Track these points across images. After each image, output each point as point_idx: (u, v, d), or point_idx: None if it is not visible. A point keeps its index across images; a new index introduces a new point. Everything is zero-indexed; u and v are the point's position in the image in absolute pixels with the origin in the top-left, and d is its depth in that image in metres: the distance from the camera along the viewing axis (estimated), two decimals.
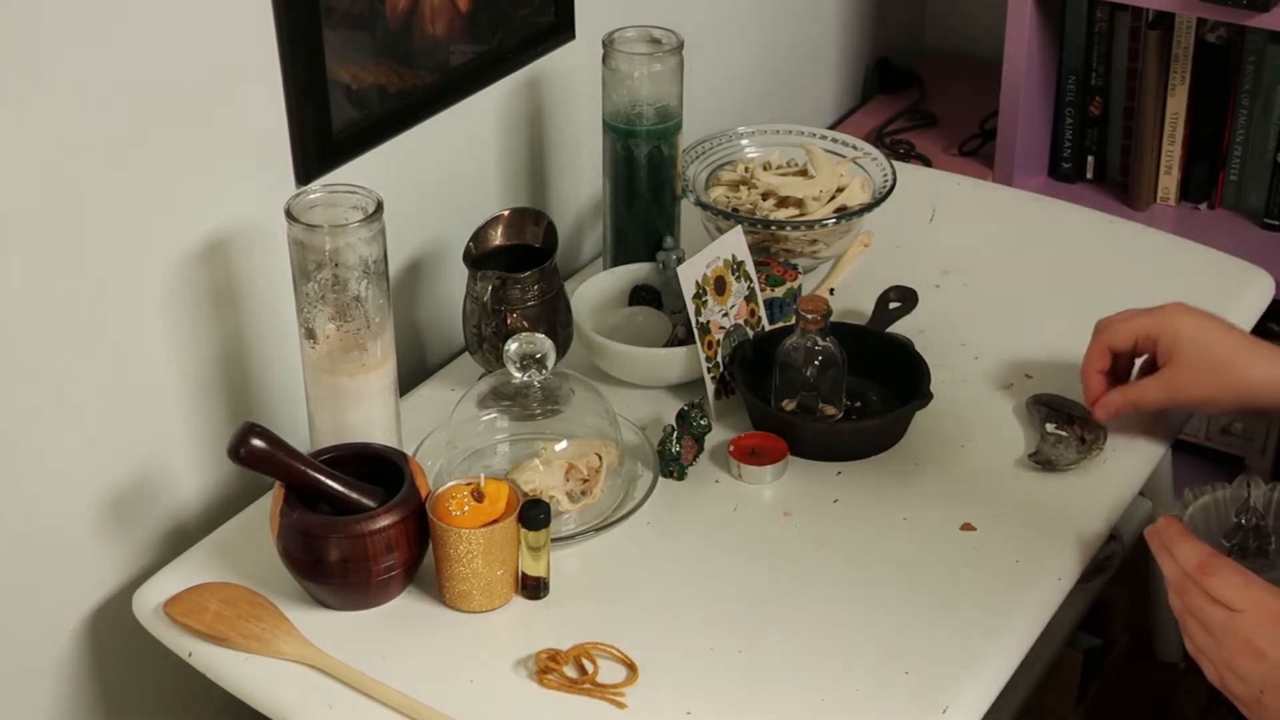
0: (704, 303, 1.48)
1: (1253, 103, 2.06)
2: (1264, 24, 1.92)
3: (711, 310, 1.48)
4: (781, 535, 1.35)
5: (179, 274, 1.35)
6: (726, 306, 1.49)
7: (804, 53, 2.22)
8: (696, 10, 1.90)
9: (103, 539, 1.37)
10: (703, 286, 1.48)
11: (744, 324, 1.51)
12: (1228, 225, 2.13)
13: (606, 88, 1.57)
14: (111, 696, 1.43)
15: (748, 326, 1.51)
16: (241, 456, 1.23)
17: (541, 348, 1.34)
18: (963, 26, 2.50)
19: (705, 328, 1.47)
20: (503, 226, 1.51)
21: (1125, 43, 2.10)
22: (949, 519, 1.35)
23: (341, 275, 1.28)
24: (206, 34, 1.30)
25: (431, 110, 1.55)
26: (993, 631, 1.24)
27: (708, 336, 1.47)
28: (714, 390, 1.48)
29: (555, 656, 1.22)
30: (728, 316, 1.49)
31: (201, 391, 1.41)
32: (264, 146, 1.39)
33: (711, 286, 1.48)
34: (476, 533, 1.23)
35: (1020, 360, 1.55)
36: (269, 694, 1.22)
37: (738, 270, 1.51)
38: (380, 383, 1.35)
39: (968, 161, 2.23)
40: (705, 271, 1.49)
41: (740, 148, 1.76)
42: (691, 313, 1.47)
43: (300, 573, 1.26)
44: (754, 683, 1.20)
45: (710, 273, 1.49)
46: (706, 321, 1.48)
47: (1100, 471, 1.40)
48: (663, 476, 1.40)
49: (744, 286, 1.52)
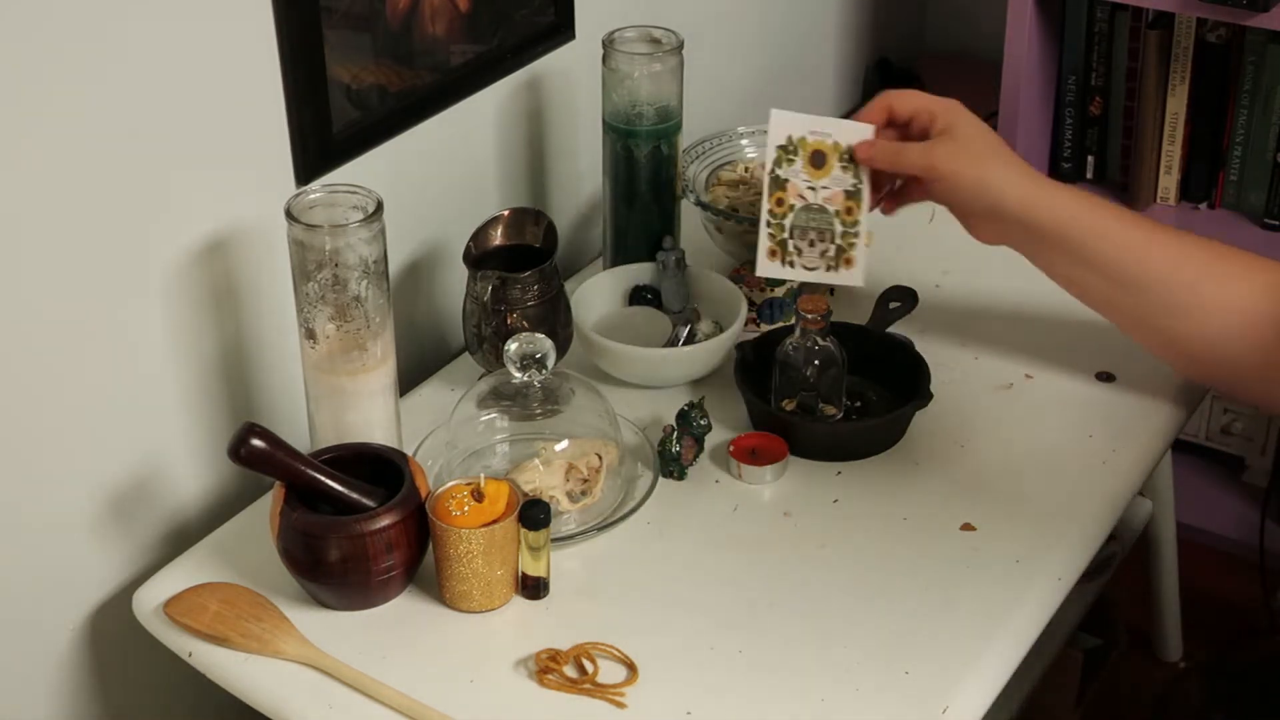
0: (790, 160, 1.43)
1: (1253, 103, 2.06)
2: (1264, 24, 1.92)
3: (796, 173, 1.43)
4: (781, 535, 1.35)
5: (179, 274, 1.35)
6: (817, 182, 1.44)
7: (804, 53, 2.22)
8: (696, 10, 1.90)
9: (103, 539, 1.37)
10: (795, 144, 1.43)
11: (833, 213, 1.44)
12: (1228, 225, 2.13)
13: (606, 87, 1.57)
14: (111, 696, 1.43)
15: (836, 218, 1.44)
16: (241, 456, 1.23)
17: (541, 348, 1.34)
18: (963, 26, 2.50)
19: (779, 182, 1.43)
20: (503, 226, 1.51)
21: (1125, 43, 2.10)
22: (949, 519, 1.35)
23: (341, 275, 1.28)
24: (206, 34, 1.30)
25: (431, 110, 1.55)
26: (993, 631, 1.24)
27: (778, 193, 1.43)
28: (766, 250, 1.43)
29: (555, 656, 1.22)
30: (814, 191, 1.44)
31: (201, 391, 1.41)
32: (264, 146, 1.39)
33: (806, 153, 1.43)
34: (476, 533, 1.23)
35: (1020, 360, 1.55)
36: (269, 694, 1.22)
37: (849, 163, 1.44)
38: (380, 383, 1.35)
39: None
40: (804, 134, 1.43)
41: (740, 148, 1.76)
42: (770, 160, 1.42)
43: (300, 573, 1.26)
44: (754, 683, 1.20)
45: (810, 139, 1.43)
46: (785, 179, 1.43)
47: (1100, 471, 1.40)
48: (663, 476, 1.40)
49: (850, 180, 1.44)
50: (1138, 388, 1.51)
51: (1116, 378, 1.52)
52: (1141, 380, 1.52)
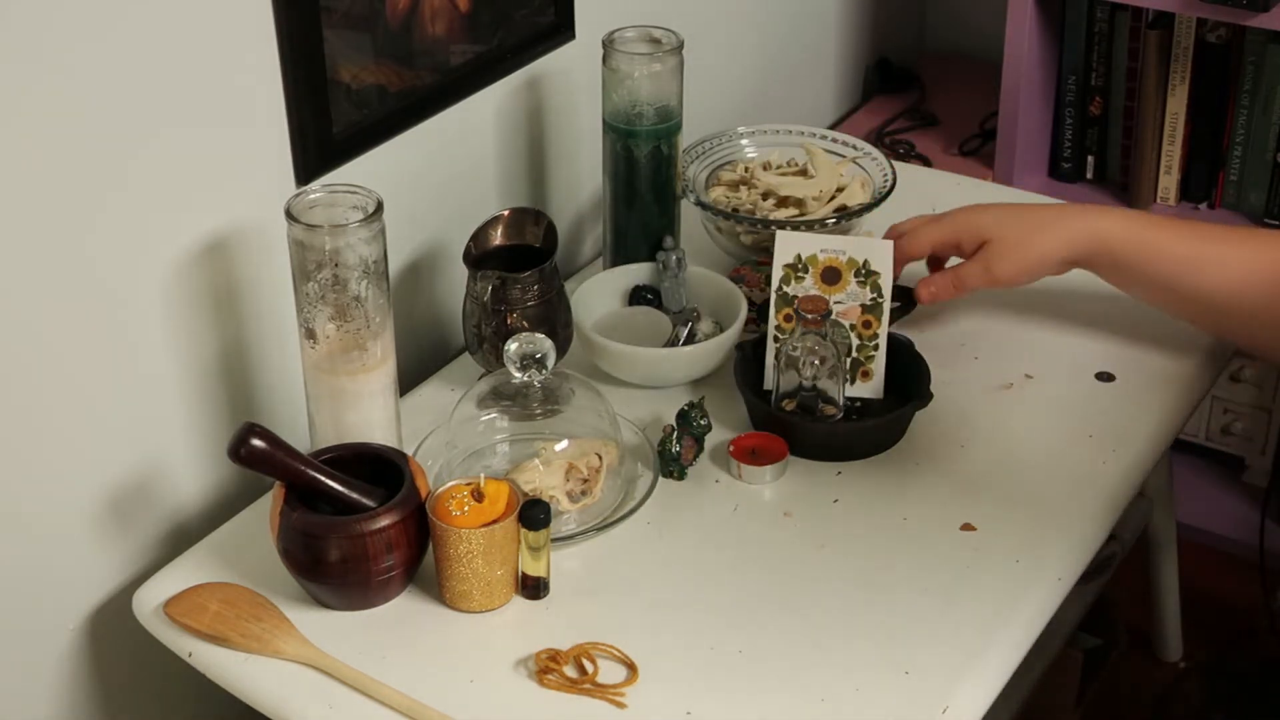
0: (800, 277, 1.45)
1: (1253, 103, 2.06)
2: (1264, 24, 1.92)
3: (806, 289, 1.45)
4: (781, 535, 1.35)
5: (179, 274, 1.35)
6: (831, 298, 1.46)
7: (804, 53, 2.22)
8: (696, 10, 1.90)
9: (103, 539, 1.37)
10: (804, 262, 1.45)
11: (848, 326, 1.47)
12: (1228, 225, 2.13)
13: (606, 88, 1.57)
14: (111, 696, 1.43)
15: (853, 333, 1.47)
16: (241, 456, 1.23)
17: (541, 348, 1.34)
18: (963, 26, 2.50)
19: (787, 299, 1.46)
20: (503, 226, 1.51)
21: (1125, 43, 2.10)
22: (949, 519, 1.35)
23: (341, 275, 1.28)
24: (207, 34, 1.30)
25: (431, 110, 1.55)
26: (993, 631, 1.24)
27: (786, 309, 1.46)
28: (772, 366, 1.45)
29: (555, 656, 1.22)
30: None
31: (202, 391, 1.41)
32: (264, 146, 1.39)
33: (818, 270, 1.45)
34: (476, 533, 1.23)
35: (1020, 360, 1.55)
36: (269, 694, 1.22)
37: (866, 277, 1.46)
38: (380, 383, 1.35)
39: (968, 161, 2.23)
40: (814, 252, 1.46)
41: (740, 148, 1.76)
42: (776, 278, 1.45)
43: (300, 573, 1.26)
44: (754, 683, 1.20)
45: (821, 256, 1.46)
46: (793, 296, 1.45)
47: (1100, 471, 1.40)
48: (663, 476, 1.40)
49: (869, 294, 1.46)
50: (1138, 388, 1.51)
51: (1116, 378, 1.52)
52: (1141, 380, 1.52)
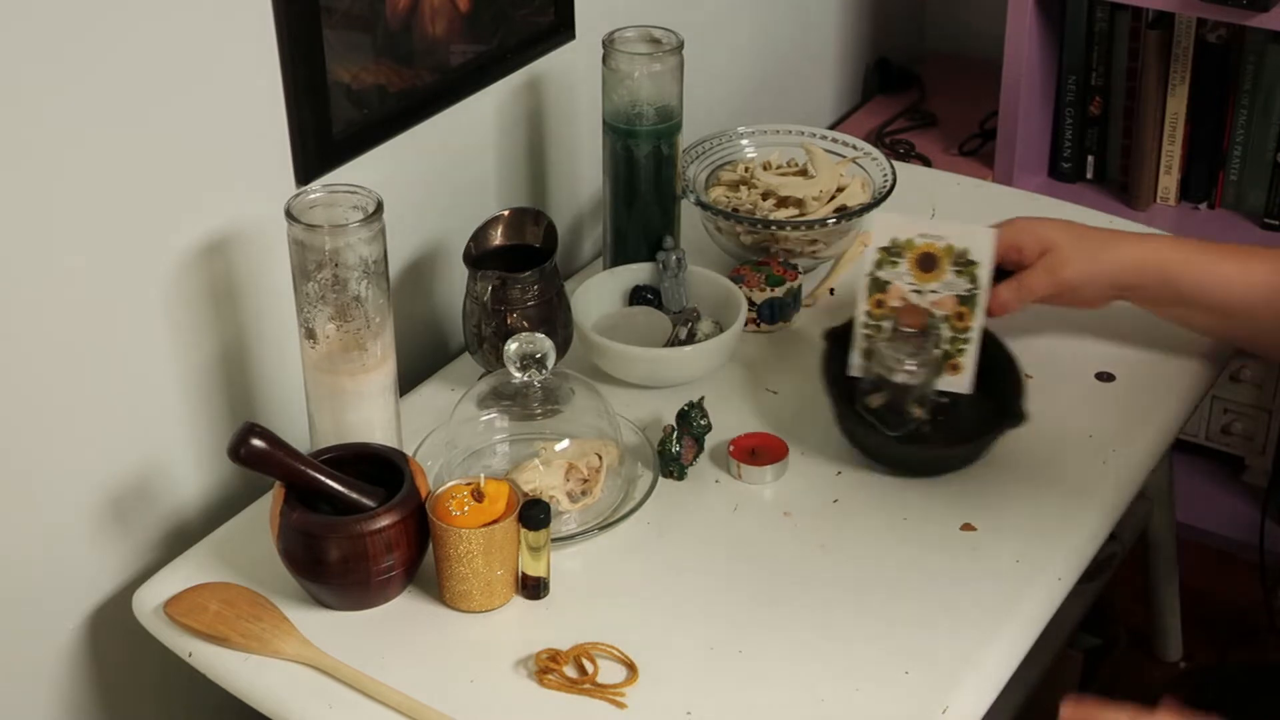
0: (894, 263, 1.43)
1: (1253, 103, 2.06)
2: (1264, 24, 1.92)
3: (900, 275, 1.42)
4: (781, 535, 1.35)
5: (179, 274, 1.35)
6: (924, 285, 1.43)
7: (804, 53, 2.22)
8: (696, 10, 1.90)
9: (103, 539, 1.37)
10: (900, 246, 1.43)
11: (940, 318, 1.43)
12: (1227, 225, 2.13)
13: (606, 88, 1.57)
14: (111, 696, 1.43)
15: (946, 324, 1.43)
16: (241, 456, 1.23)
17: (541, 348, 1.34)
18: (963, 26, 2.50)
19: (880, 284, 1.43)
20: (503, 226, 1.51)
21: (1125, 43, 2.10)
22: (949, 519, 1.35)
23: (341, 275, 1.28)
24: (206, 34, 1.30)
25: (431, 110, 1.55)
26: (993, 631, 1.24)
27: (878, 295, 1.43)
28: (860, 350, 1.43)
29: (555, 656, 1.22)
30: (921, 295, 1.43)
31: (201, 391, 1.41)
32: (264, 146, 1.39)
33: (914, 256, 1.42)
34: (476, 533, 1.23)
35: (1020, 360, 1.55)
36: (269, 694, 1.22)
37: (964, 267, 1.42)
38: (380, 383, 1.35)
39: (968, 161, 2.23)
40: (912, 236, 1.43)
41: (740, 148, 1.76)
42: (870, 262, 1.42)
43: (300, 573, 1.26)
44: (754, 683, 1.20)
45: (919, 241, 1.43)
46: (886, 281, 1.42)
47: (1100, 471, 1.40)
48: (663, 476, 1.40)
49: (965, 284, 1.42)
50: (1138, 388, 1.51)
51: (1116, 378, 1.52)
52: (1141, 380, 1.52)
